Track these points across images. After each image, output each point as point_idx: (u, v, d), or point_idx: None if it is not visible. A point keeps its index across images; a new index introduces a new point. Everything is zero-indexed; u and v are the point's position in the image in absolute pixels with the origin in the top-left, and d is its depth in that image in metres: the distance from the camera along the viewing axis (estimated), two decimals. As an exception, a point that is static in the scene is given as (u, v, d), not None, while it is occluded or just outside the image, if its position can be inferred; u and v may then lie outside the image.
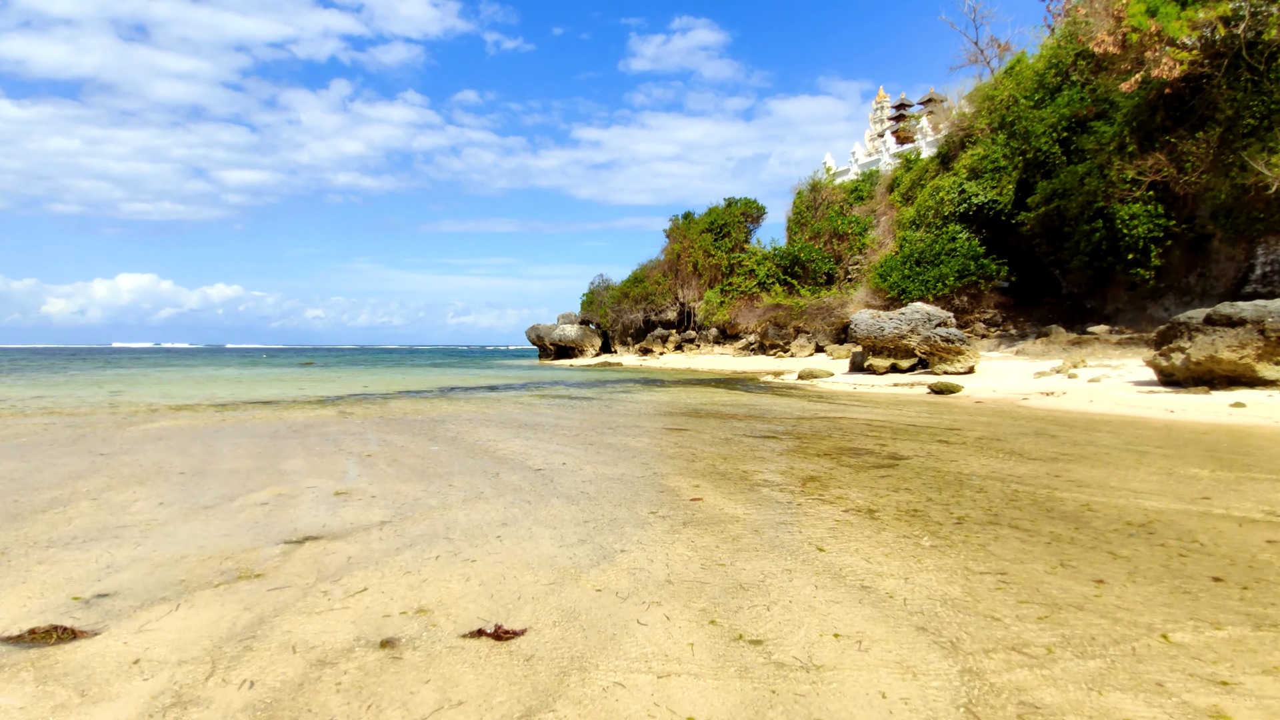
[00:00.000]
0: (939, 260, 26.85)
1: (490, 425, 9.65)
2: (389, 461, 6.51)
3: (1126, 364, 16.38)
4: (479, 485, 5.33)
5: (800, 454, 6.76)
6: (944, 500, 4.68)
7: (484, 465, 6.26)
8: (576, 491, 5.07)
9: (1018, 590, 2.96)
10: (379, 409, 12.48)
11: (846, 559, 3.42)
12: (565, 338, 47.01)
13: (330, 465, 6.29)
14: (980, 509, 4.42)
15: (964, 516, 4.23)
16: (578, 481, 5.46)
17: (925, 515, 4.27)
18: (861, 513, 4.36)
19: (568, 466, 6.16)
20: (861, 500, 4.71)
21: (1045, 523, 4.06)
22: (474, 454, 6.97)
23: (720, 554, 3.51)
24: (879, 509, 4.45)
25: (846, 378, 20.11)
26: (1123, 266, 21.98)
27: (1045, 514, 4.27)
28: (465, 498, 4.88)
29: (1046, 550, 3.52)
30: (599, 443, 7.79)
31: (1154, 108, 21.25)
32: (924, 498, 4.76)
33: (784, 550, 3.57)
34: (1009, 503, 4.59)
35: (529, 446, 7.48)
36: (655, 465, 6.21)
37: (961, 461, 6.26)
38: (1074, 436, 7.89)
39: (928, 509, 4.43)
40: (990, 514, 4.29)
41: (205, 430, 9.07)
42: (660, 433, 8.76)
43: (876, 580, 3.11)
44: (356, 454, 6.99)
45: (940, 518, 4.21)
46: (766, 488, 5.15)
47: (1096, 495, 4.78)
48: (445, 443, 7.85)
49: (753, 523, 4.12)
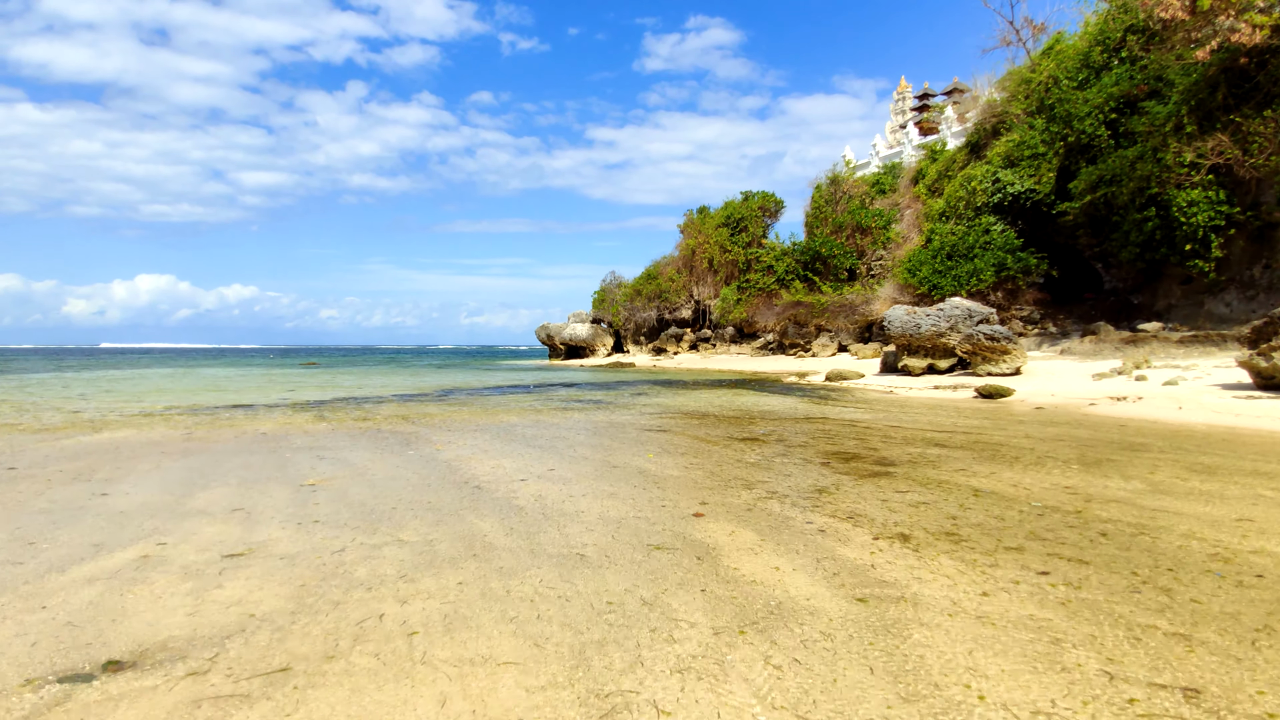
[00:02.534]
0: (972, 254, 25.09)
1: (480, 436, 8.16)
2: (334, 494, 5.02)
3: (1199, 364, 14.65)
4: (435, 538, 3.83)
5: (879, 482, 5.21)
6: (1136, 589, 3.12)
7: (454, 500, 4.76)
8: (570, 551, 3.55)
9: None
10: (361, 415, 11.04)
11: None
12: (576, 337, 45.52)
13: (255, 500, 4.82)
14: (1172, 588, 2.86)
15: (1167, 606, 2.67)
16: (574, 532, 3.94)
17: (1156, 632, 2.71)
18: (1037, 628, 2.81)
19: (563, 502, 4.65)
20: (1027, 601, 3.16)
21: (1236, 599, 2.50)
22: (447, 480, 5.48)
23: (820, 707, 1.97)
24: (1066, 638, 2.89)
25: (879, 379, 18.47)
26: (1179, 258, 20.17)
27: (1238, 586, 2.71)
28: (409, 562, 3.38)
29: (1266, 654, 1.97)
30: (607, 464, 6.27)
31: (1214, 85, 19.43)
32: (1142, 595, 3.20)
33: (925, 699, 2.03)
34: (1177, 568, 3.02)
35: (519, 468, 5.97)
36: (684, 502, 4.68)
37: (1091, 499, 4.68)
38: (1192, 458, 6.27)
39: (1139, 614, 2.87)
40: (1166, 593, 2.72)
41: (136, 446, 7.64)
42: (686, 451, 7.22)
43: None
44: (299, 481, 5.51)
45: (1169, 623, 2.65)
46: (851, 545, 3.61)
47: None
48: (419, 464, 6.36)
49: (851, 624, 2.59)
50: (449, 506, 4.59)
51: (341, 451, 7.17)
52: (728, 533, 3.86)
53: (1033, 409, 11.63)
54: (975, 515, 4.19)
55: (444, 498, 4.86)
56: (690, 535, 3.82)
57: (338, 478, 5.67)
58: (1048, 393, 13.53)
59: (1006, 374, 16.48)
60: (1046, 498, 4.65)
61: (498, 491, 5.07)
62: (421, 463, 6.40)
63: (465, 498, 4.85)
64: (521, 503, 4.68)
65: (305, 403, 13.74)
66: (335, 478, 5.67)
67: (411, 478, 5.65)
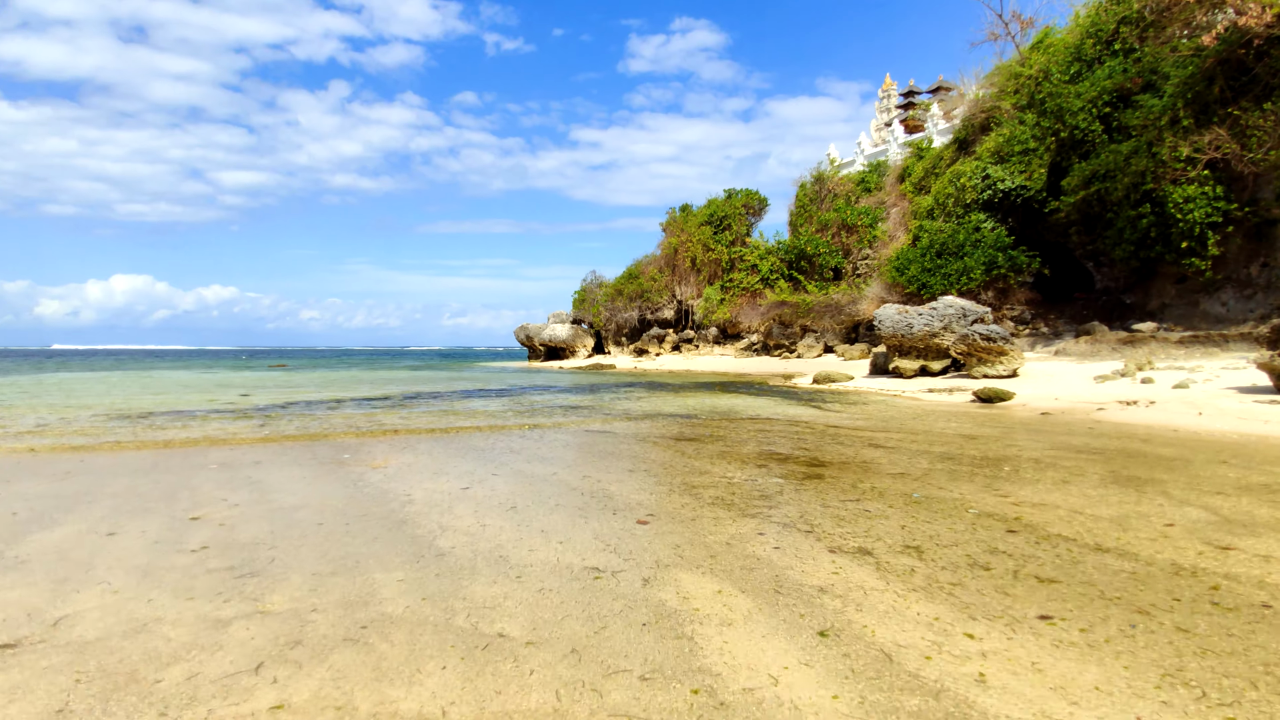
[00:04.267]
0: (962, 252, 24.39)
1: (428, 451, 7.14)
2: (216, 533, 3.99)
3: (1203, 365, 13.94)
4: (314, 606, 2.82)
5: (883, 508, 4.28)
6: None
7: (365, 540, 3.75)
8: (490, 629, 2.56)
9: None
10: (305, 424, 9.96)
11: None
12: (555, 338, 44.41)
13: (103, 544, 3.77)
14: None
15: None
16: (503, 593, 2.96)
17: None
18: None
19: (501, 543, 3.66)
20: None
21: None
22: (370, 511, 4.46)
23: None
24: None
25: (869, 381, 17.63)
26: (1174, 256, 19.56)
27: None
28: (258, 654, 2.38)
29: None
30: (568, 488, 5.29)
31: (1211, 77, 18.84)
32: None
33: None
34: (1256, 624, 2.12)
35: (459, 493, 4.97)
36: (659, 547, 3.71)
37: (1158, 534, 3.77)
38: (1243, 476, 5.41)
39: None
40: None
41: (17, 468, 6.53)
42: (666, 471, 6.26)
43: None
44: (183, 514, 4.47)
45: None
46: (879, 615, 2.66)
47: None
48: (344, 487, 5.34)
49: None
50: (355, 551, 3.59)
51: (260, 470, 6.12)
52: (714, 596, 2.90)
53: (1038, 415, 10.82)
54: (1025, 562, 3.26)
55: (353, 537, 3.85)
56: (663, 603, 2.85)
57: (236, 508, 4.64)
58: (1050, 396, 12.74)
59: (1003, 376, 15.71)
60: (1098, 534, 3.74)
61: (423, 526, 4.06)
62: (347, 486, 5.38)
63: (380, 537, 3.85)
64: (447, 544, 3.69)
65: (252, 409, 12.60)
66: (233, 508, 4.63)
67: (327, 506, 4.64)
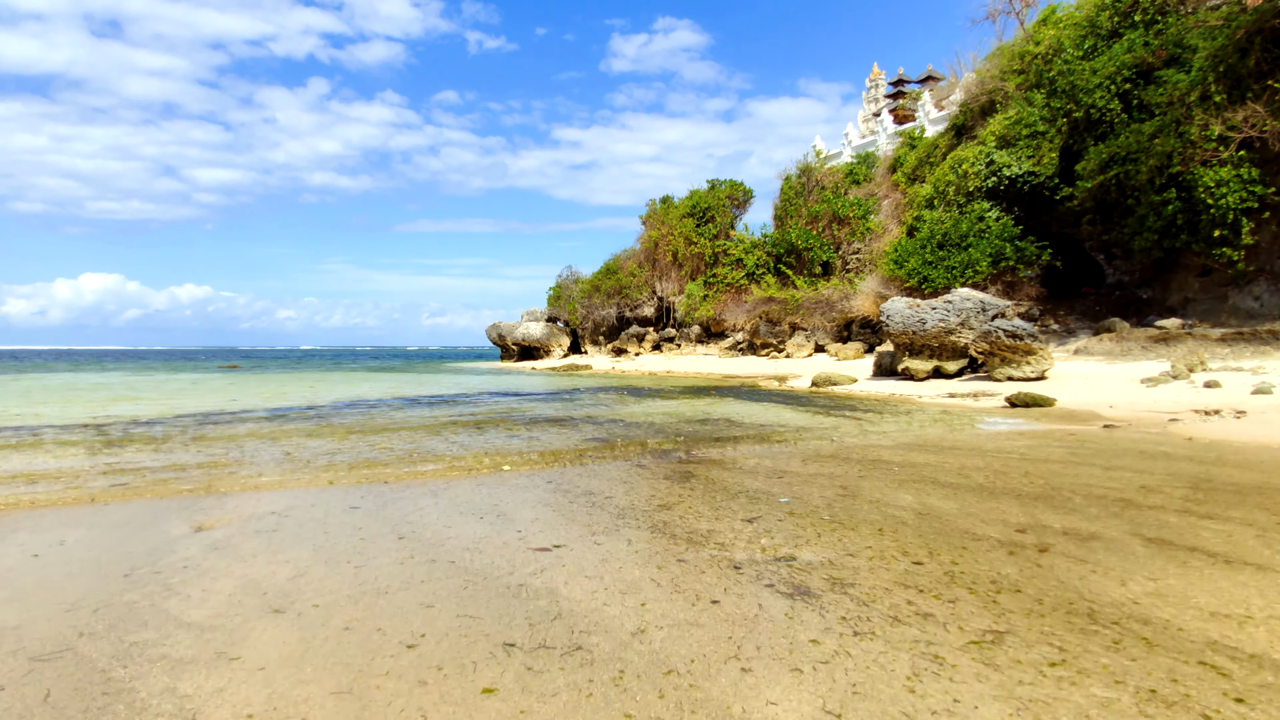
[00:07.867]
0: (966, 243, 22.59)
1: (300, 499, 4.95)
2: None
3: (1265, 366, 12.18)
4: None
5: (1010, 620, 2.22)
6: None
7: (76, 698, 1.60)
8: None
9: None
10: (174, 448, 7.69)
11: None
12: (529, 337, 42.06)
13: None
14: None
15: None
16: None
17: None
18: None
19: (282, 701, 1.53)
20: None
21: None
22: (132, 615, 2.28)
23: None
24: None
25: (876, 384, 15.66)
26: (1202, 246, 17.87)
27: None
28: None
29: None
30: (469, 576, 3.14)
31: (1245, 49, 17.18)
32: None
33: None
34: None
35: (292, 582, 2.81)
36: None
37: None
38: None
39: None
40: None
41: None
42: (628, 523, 4.12)
43: None
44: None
45: None
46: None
47: None
48: (130, 562, 3.13)
49: None
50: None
51: (39, 534, 3.88)
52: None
53: (1099, 429, 8.86)
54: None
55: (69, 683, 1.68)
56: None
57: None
58: (1101, 403, 10.84)
59: (1030, 379, 13.83)
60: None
61: (202, 652, 1.90)
62: (141, 559, 3.17)
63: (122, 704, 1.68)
64: (202, 691, 1.54)
65: (128, 420, 10.24)
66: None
67: (86, 602, 2.43)
